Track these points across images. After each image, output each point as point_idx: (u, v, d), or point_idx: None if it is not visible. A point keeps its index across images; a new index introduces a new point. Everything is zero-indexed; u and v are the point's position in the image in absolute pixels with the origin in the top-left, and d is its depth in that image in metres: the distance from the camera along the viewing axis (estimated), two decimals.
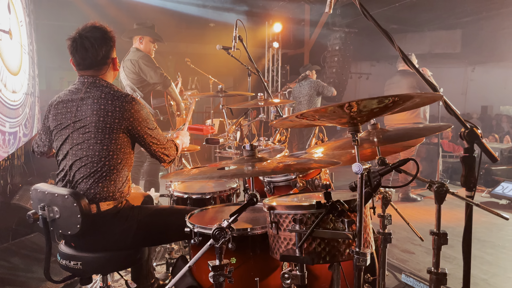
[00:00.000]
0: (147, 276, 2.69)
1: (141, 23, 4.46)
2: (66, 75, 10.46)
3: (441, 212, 1.71)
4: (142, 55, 4.32)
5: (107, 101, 2.03)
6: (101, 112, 2.01)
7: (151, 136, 2.15)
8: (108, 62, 2.16)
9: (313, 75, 6.56)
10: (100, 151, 2.02)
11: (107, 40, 2.13)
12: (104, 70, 2.16)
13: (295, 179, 2.33)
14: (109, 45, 2.14)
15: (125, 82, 4.41)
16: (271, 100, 3.41)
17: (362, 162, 1.39)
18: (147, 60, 4.31)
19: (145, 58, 4.31)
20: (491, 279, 3.18)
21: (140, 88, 4.37)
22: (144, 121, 2.11)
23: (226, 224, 1.44)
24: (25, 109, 5.01)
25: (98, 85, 2.10)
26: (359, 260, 1.38)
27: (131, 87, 4.37)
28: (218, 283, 1.44)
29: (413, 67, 1.63)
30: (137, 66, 4.30)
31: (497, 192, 5.83)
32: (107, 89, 2.08)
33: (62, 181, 2.11)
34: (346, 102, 1.25)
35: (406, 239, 4.06)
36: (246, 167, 1.47)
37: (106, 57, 2.14)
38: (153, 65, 4.33)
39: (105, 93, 2.06)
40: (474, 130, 1.54)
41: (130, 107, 2.05)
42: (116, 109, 2.02)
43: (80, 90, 2.11)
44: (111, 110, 2.01)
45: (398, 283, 3.10)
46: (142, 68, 4.30)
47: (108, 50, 2.13)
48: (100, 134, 2.01)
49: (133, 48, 4.42)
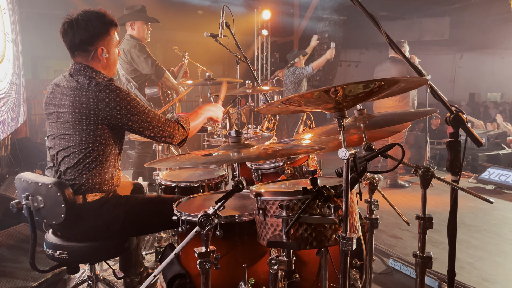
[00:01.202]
0: (136, 265, 2.68)
1: (130, 7, 4.31)
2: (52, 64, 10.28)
3: (426, 197, 1.72)
4: (134, 44, 4.18)
5: (81, 92, 1.94)
6: (76, 104, 1.93)
7: (139, 121, 1.97)
8: (88, 49, 2.03)
9: (301, 61, 6.53)
10: (79, 143, 1.97)
11: (90, 26, 2.00)
12: (86, 56, 2.04)
13: (282, 166, 2.33)
14: (90, 31, 2.00)
15: (120, 72, 4.33)
16: (259, 87, 3.39)
17: (349, 147, 1.39)
18: (139, 50, 4.18)
19: (137, 48, 4.17)
20: (476, 262, 3.24)
21: (135, 78, 4.28)
22: (124, 108, 1.94)
23: (212, 211, 1.43)
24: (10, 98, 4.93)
25: (81, 73, 2.00)
26: (345, 245, 1.39)
27: (125, 77, 4.28)
28: (204, 270, 1.44)
29: (399, 51, 1.62)
30: (129, 56, 4.19)
31: (483, 178, 5.92)
32: (85, 79, 1.97)
33: (51, 169, 2.09)
34: (332, 87, 1.25)
35: (394, 225, 4.11)
36: (232, 153, 1.46)
37: (87, 43, 2.01)
38: (145, 55, 4.19)
39: (81, 83, 1.95)
40: (460, 115, 1.54)
41: (104, 96, 1.91)
42: (90, 100, 1.92)
43: (65, 77, 2.06)
44: (85, 101, 1.92)
45: (386, 268, 3.14)
46: (134, 58, 4.19)
47: (88, 36, 2.01)
48: (78, 126, 1.95)
49: (127, 36, 4.27)
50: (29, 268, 2.28)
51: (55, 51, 10.45)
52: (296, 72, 6.32)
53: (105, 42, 2.06)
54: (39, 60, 10.74)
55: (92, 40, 2.02)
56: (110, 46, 2.08)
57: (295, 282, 2.07)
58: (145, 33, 4.31)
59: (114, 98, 1.92)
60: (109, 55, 2.08)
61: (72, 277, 2.91)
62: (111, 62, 2.12)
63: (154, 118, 2.02)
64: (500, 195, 5.41)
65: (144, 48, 4.24)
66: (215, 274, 1.72)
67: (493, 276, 3.00)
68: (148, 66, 4.19)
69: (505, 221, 4.34)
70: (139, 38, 4.26)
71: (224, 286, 1.77)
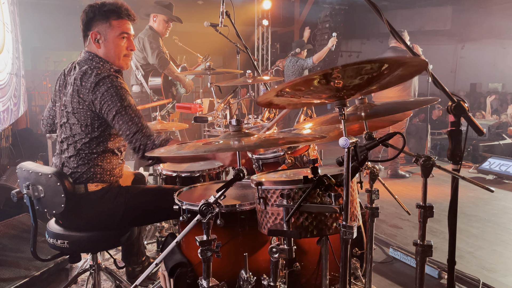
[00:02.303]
0: (138, 254, 2.70)
1: (159, 1, 4.36)
2: (52, 55, 10.25)
3: (427, 186, 1.72)
4: (149, 34, 4.26)
5: (76, 81, 1.96)
6: (75, 93, 1.96)
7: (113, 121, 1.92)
8: (87, 34, 2.06)
9: (304, 53, 6.51)
10: (79, 134, 1.98)
11: (90, 11, 2.02)
12: (86, 42, 2.08)
13: (283, 155, 2.33)
14: (88, 15, 2.03)
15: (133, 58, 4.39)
16: (259, 77, 3.38)
17: (349, 136, 1.38)
18: (151, 41, 4.24)
19: (150, 38, 4.24)
20: (476, 252, 3.25)
21: (143, 66, 4.36)
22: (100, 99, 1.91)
23: (213, 199, 1.43)
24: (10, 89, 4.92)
25: (87, 62, 2.02)
26: (346, 233, 1.39)
27: (135, 63, 4.36)
28: (206, 258, 1.45)
29: (401, 40, 1.61)
30: (141, 44, 4.28)
31: (484, 168, 5.92)
32: (89, 68, 1.98)
33: (57, 156, 2.10)
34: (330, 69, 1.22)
35: (395, 215, 4.12)
36: (232, 141, 1.46)
37: (86, 28, 2.06)
38: (155, 46, 4.25)
39: (84, 73, 1.97)
40: (461, 104, 1.54)
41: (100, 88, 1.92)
42: (88, 91, 1.93)
43: (73, 65, 2.09)
44: (85, 91, 1.94)
45: (386, 257, 3.16)
46: (145, 47, 4.26)
47: (87, 20, 2.04)
48: (78, 115, 1.97)
49: (147, 26, 4.37)
50: (31, 258, 2.29)
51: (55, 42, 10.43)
52: (298, 63, 6.30)
53: (101, 28, 2.04)
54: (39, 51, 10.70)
55: (89, 24, 2.05)
56: (108, 34, 2.05)
57: (295, 270, 2.08)
58: (164, 29, 4.38)
59: (108, 95, 1.91)
60: (106, 42, 2.05)
61: (74, 266, 2.93)
62: (108, 51, 2.07)
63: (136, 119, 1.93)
64: (500, 185, 5.42)
65: (158, 39, 4.30)
66: (216, 262, 1.73)
67: (493, 265, 3.02)
68: (153, 56, 4.26)
69: (505, 211, 4.36)
70: (158, 32, 4.33)
71: (225, 274, 1.78)
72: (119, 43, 2.08)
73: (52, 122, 2.30)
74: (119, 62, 2.12)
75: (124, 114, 1.91)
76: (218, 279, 1.52)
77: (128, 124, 1.91)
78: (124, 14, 2.07)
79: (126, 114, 1.91)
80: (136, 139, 1.91)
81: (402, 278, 2.82)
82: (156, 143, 1.90)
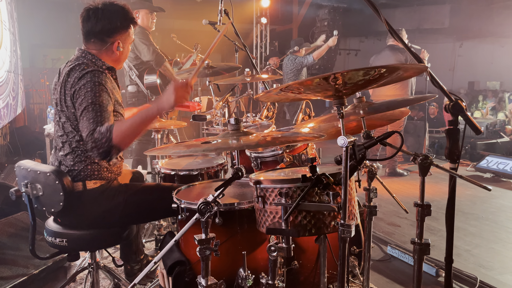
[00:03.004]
0: (136, 252, 2.71)
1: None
2: (50, 53, 10.21)
3: (425, 184, 1.73)
4: (138, 31, 4.18)
5: (64, 78, 1.95)
6: (62, 90, 1.95)
7: (80, 116, 1.84)
8: (105, 40, 2.05)
9: (302, 51, 6.50)
10: (71, 131, 1.98)
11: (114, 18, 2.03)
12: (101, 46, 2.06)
13: (282, 154, 2.33)
14: (113, 23, 2.03)
15: None
16: (258, 75, 3.38)
17: (348, 135, 1.39)
18: (141, 37, 4.18)
19: (139, 35, 4.18)
20: (474, 250, 3.27)
21: (136, 66, 4.30)
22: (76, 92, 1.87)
23: (212, 198, 1.44)
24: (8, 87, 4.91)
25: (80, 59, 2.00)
26: (344, 231, 1.40)
27: (127, 64, 4.30)
28: (204, 256, 1.45)
29: (399, 38, 1.61)
30: (132, 43, 4.21)
31: (481, 166, 5.94)
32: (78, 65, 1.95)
33: (54, 155, 2.10)
34: (331, 74, 1.24)
35: (392, 213, 4.13)
36: (231, 140, 1.46)
37: (106, 34, 2.04)
38: (148, 42, 4.20)
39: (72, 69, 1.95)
40: (459, 103, 1.54)
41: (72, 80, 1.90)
42: (67, 85, 1.92)
43: (67, 63, 2.08)
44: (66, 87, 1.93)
45: (384, 255, 3.17)
46: (136, 45, 4.20)
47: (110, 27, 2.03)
48: (66, 114, 1.96)
49: None
50: (29, 256, 2.29)
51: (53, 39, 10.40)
52: (296, 61, 6.30)
53: (123, 37, 2.11)
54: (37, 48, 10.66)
55: (112, 32, 2.06)
56: (126, 42, 2.14)
57: (294, 269, 2.09)
58: (149, 22, 4.33)
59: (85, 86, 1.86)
60: (123, 50, 2.13)
61: (73, 265, 2.93)
62: (123, 57, 2.17)
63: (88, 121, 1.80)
64: (498, 183, 5.44)
65: (147, 35, 4.25)
66: (215, 261, 1.74)
67: (490, 263, 3.03)
68: (149, 53, 4.20)
69: (502, 209, 4.37)
70: (144, 27, 4.27)
71: (224, 273, 1.79)
72: (129, 48, 2.21)
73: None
74: (121, 65, 2.23)
75: (90, 110, 1.81)
76: (216, 278, 1.53)
77: (89, 121, 1.79)
78: (135, 21, 2.17)
79: (92, 110, 1.81)
80: (91, 137, 1.77)
81: (400, 276, 2.83)
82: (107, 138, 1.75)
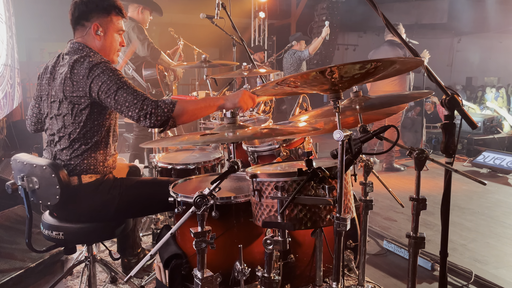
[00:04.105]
0: (133, 246, 2.71)
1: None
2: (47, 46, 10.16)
3: (420, 179, 1.74)
4: (133, 26, 4.18)
5: (67, 70, 1.93)
6: (67, 81, 1.93)
7: (116, 96, 1.86)
8: (84, 24, 2.03)
9: (301, 44, 6.52)
10: (72, 125, 1.97)
11: (91, 2, 2.01)
12: (82, 31, 2.05)
13: (278, 148, 2.34)
14: (89, 6, 2.01)
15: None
16: (255, 70, 3.37)
17: (344, 129, 1.39)
18: (137, 32, 4.17)
19: (135, 30, 4.17)
20: (469, 244, 3.28)
21: (132, 60, 4.29)
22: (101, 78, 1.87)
23: (208, 191, 1.44)
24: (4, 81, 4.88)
25: (78, 52, 1.99)
26: (340, 225, 1.40)
27: (122, 59, 4.28)
28: (200, 249, 1.46)
29: (396, 33, 1.61)
30: (127, 37, 4.20)
31: (478, 161, 5.96)
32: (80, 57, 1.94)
33: (48, 150, 2.09)
34: (328, 67, 1.24)
35: (389, 207, 4.15)
36: (227, 133, 1.46)
37: (84, 18, 2.02)
38: (143, 38, 4.19)
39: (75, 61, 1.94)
40: (455, 97, 1.55)
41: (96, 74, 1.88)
42: (80, 78, 1.90)
43: (59, 57, 2.07)
44: (76, 80, 1.91)
45: (380, 249, 3.18)
46: (132, 40, 4.19)
47: (86, 10, 2.01)
48: (65, 108, 1.95)
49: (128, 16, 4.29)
50: (26, 249, 2.29)
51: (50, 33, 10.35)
52: (295, 55, 6.32)
53: (103, 21, 2.06)
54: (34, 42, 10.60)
55: (89, 15, 2.03)
56: (108, 28, 2.08)
57: (290, 262, 2.10)
58: (147, 19, 4.33)
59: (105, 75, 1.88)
60: (105, 35, 2.08)
61: (70, 258, 2.94)
62: (107, 44, 2.09)
63: (133, 95, 1.87)
64: (494, 179, 5.46)
65: (142, 30, 4.24)
66: (211, 254, 1.74)
67: (485, 257, 3.05)
68: (144, 48, 4.20)
69: (498, 204, 4.39)
70: (138, 21, 4.26)
71: (220, 266, 1.80)
72: (116, 38, 2.13)
73: (36, 120, 2.24)
74: (113, 56, 2.16)
75: (126, 88, 1.87)
76: (213, 271, 1.53)
77: (133, 95, 1.86)
78: (122, 11, 2.12)
79: (128, 88, 1.88)
80: (147, 104, 1.84)
81: (396, 270, 2.85)
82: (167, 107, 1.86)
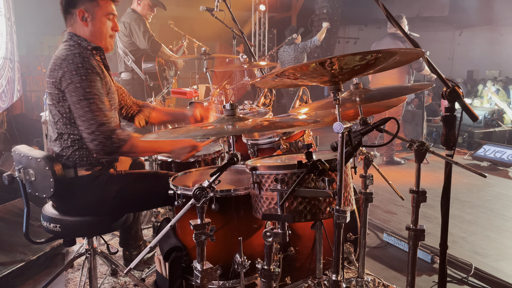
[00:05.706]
0: (136, 238, 2.72)
1: None
2: (47, 40, 10.14)
3: (420, 171, 1.73)
4: (135, 18, 4.17)
5: (55, 62, 1.91)
6: (51, 76, 1.92)
7: (77, 107, 1.85)
8: (72, 12, 2.00)
9: (299, 38, 6.50)
10: (57, 115, 1.96)
11: None
12: (71, 20, 2.02)
13: (278, 141, 2.33)
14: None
15: (118, 44, 4.33)
16: (255, 63, 3.36)
17: (344, 121, 1.38)
18: (139, 24, 4.16)
19: (137, 22, 4.16)
20: (469, 237, 3.29)
21: (132, 52, 4.29)
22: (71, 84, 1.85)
23: (207, 183, 1.44)
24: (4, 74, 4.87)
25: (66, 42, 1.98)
26: (339, 217, 1.40)
27: (123, 50, 4.29)
28: (200, 242, 1.46)
29: (397, 25, 1.59)
30: (129, 29, 4.19)
31: (479, 155, 5.95)
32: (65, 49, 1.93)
33: (49, 142, 2.09)
34: (327, 58, 1.23)
35: (389, 201, 4.15)
36: (226, 126, 1.46)
37: (71, 5, 1.98)
38: (145, 30, 4.18)
39: (60, 53, 1.92)
40: (456, 89, 1.53)
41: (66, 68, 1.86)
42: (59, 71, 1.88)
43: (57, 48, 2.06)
44: (54, 76, 1.89)
45: (380, 242, 3.19)
46: (133, 32, 4.19)
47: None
48: (55, 100, 1.94)
49: (130, 9, 4.28)
50: (27, 242, 2.29)
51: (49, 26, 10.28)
52: (299, 46, 6.30)
53: (88, 6, 1.99)
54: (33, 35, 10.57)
55: (75, 1, 1.98)
56: (95, 13, 2.01)
57: (290, 255, 2.11)
58: (148, 13, 4.31)
59: (71, 72, 1.86)
60: (93, 21, 2.01)
61: (71, 251, 2.95)
62: (95, 30, 2.03)
63: (94, 112, 1.85)
64: (495, 172, 5.46)
65: (144, 22, 4.23)
66: (211, 246, 1.75)
67: (485, 250, 3.05)
68: (144, 41, 4.19)
69: (498, 197, 4.39)
70: (141, 14, 4.25)
71: (220, 258, 1.80)
72: (106, 23, 2.06)
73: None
74: (105, 42, 2.09)
75: (92, 102, 1.85)
76: (212, 263, 1.53)
77: (95, 113, 1.85)
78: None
79: (93, 103, 1.86)
80: (101, 131, 1.84)
81: (396, 262, 2.85)
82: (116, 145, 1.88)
